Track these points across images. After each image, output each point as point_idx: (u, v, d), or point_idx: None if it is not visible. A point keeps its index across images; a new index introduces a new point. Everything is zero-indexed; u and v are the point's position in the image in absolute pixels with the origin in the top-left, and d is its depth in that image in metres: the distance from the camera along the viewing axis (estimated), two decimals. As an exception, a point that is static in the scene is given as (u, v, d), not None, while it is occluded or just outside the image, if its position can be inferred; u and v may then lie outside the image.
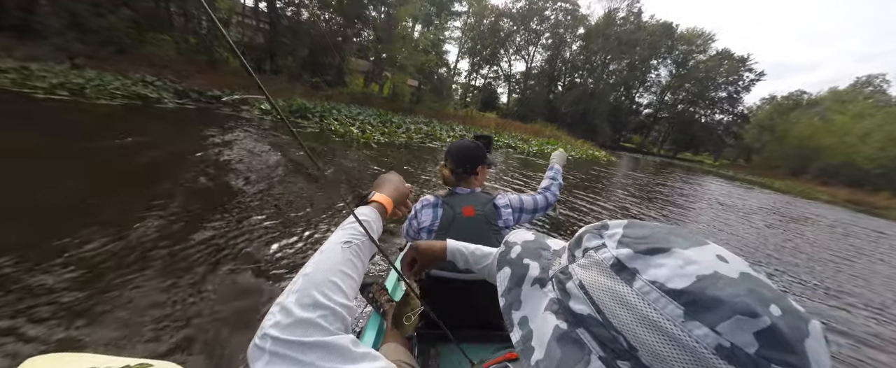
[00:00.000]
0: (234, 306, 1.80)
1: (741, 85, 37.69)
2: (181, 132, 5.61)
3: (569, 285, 0.28)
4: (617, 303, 0.24)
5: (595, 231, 0.30)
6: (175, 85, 8.91)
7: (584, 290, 0.27)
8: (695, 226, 6.01)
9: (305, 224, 2.89)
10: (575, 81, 39.31)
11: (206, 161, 4.12)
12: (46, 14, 10.41)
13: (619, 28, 36.16)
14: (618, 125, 40.63)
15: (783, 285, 3.77)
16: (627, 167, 17.01)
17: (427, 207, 1.18)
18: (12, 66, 6.66)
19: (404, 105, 17.14)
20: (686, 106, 40.53)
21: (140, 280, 1.84)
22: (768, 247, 5.27)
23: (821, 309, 3.22)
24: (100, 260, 1.93)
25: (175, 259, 2.08)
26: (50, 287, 1.68)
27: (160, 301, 1.72)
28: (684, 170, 22.64)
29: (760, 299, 0.21)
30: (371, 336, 1.20)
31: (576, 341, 0.26)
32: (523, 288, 0.32)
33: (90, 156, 3.59)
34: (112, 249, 2.05)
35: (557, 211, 4.45)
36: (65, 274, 1.77)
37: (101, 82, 7.21)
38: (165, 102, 7.53)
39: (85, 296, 1.65)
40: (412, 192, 0.72)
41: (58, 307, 1.57)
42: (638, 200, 7.51)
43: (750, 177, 27.00)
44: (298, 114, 9.49)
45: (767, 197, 14.42)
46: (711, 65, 37.34)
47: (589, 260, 0.28)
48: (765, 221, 7.80)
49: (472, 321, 1.06)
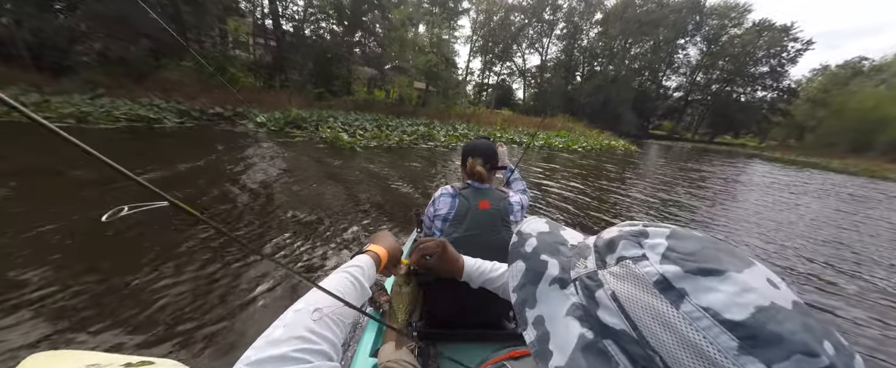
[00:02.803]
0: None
1: (786, 57, 34.04)
2: (155, 148, 5.89)
3: (599, 293, 0.26)
4: (658, 324, 0.22)
5: (632, 238, 0.27)
6: (179, 105, 9.48)
7: (617, 303, 0.25)
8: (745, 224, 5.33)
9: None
10: (594, 70, 37.55)
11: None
12: (78, 53, 11.57)
13: (638, 9, 34.07)
14: (645, 112, 38.19)
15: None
16: (652, 156, 15.83)
17: (445, 196, 1.24)
18: (35, 100, 7.38)
19: (408, 108, 17.18)
20: (721, 85, 37.27)
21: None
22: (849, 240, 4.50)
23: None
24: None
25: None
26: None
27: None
28: (723, 155, 20.62)
29: (816, 336, 0.20)
30: (371, 336, 1.19)
31: (602, 353, 0.24)
32: (540, 286, 0.30)
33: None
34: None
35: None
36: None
37: (109, 108, 7.81)
38: (165, 122, 8.01)
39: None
40: (402, 253, 0.74)
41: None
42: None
43: (801, 159, 24.17)
44: (293, 124, 9.74)
45: (822, 178, 12.67)
46: (748, 38, 34.04)
47: (625, 270, 0.26)
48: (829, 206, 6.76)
49: (473, 320, 1.07)
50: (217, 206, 3.40)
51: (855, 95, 32.19)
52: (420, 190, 4.81)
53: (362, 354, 1.12)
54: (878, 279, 3.33)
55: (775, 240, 4.28)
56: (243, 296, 2.03)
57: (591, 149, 14.52)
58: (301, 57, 16.36)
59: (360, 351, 1.14)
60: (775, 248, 4.01)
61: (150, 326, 1.72)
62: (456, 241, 1.17)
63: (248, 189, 4.00)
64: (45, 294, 1.87)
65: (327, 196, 4.08)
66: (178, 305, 1.88)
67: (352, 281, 0.52)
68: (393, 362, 0.79)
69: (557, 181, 6.74)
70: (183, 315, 1.82)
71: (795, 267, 3.51)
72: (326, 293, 0.45)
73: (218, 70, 14.03)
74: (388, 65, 18.65)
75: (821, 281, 3.19)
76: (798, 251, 3.98)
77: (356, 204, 3.87)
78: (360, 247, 0.64)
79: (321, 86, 16.39)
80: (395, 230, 3.28)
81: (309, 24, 16.64)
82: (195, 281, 2.11)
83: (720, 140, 40.65)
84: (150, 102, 9.26)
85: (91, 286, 1.97)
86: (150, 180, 3.90)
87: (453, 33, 26.91)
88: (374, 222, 3.44)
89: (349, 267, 0.56)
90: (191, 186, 3.91)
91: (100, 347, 1.58)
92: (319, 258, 2.61)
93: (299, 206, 3.60)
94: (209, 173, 4.51)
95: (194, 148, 6.28)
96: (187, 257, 2.35)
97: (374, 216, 3.60)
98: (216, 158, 5.51)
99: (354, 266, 0.57)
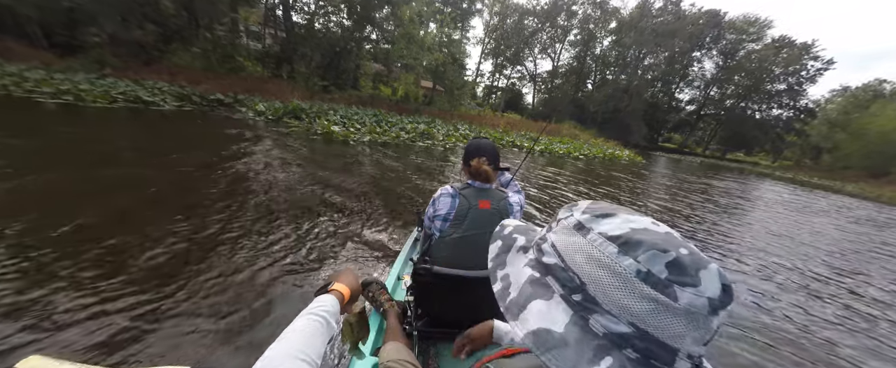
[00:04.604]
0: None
1: (804, 75, 33.15)
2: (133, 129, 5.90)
3: (544, 246, 0.36)
4: (574, 250, 0.32)
5: (567, 208, 0.37)
6: (181, 89, 9.56)
7: (554, 248, 0.34)
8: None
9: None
10: (606, 78, 37.05)
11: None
12: (90, 34, 11.82)
13: (655, 19, 33.54)
14: (655, 124, 37.59)
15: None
16: (657, 169, 15.50)
17: (445, 196, 1.23)
18: (38, 77, 7.48)
19: (412, 106, 17.13)
20: (736, 100, 36.46)
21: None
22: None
23: None
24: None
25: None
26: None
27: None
28: (733, 173, 20.07)
29: (672, 244, 0.29)
30: (371, 336, 1.16)
31: (544, 285, 0.33)
32: (509, 254, 0.40)
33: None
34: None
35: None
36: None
37: (108, 88, 7.89)
38: (162, 105, 8.07)
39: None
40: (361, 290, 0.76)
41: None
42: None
43: (813, 180, 23.45)
44: (292, 114, 9.76)
45: (838, 202, 12.23)
46: (766, 54, 33.22)
47: (559, 226, 0.36)
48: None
49: (472, 320, 1.09)
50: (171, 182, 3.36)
51: (876, 119, 31.17)
52: (383, 185, 4.72)
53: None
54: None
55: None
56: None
57: (593, 157, 14.27)
58: (310, 49, 16.46)
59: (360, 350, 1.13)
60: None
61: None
62: (456, 241, 1.19)
63: (213, 169, 3.96)
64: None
65: (296, 182, 4.01)
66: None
67: (321, 323, 0.57)
68: (393, 361, 0.81)
69: (539, 183, 6.58)
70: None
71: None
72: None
73: (225, 58, 14.20)
74: (398, 64, 18.67)
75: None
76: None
77: (322, 192, 3.80)
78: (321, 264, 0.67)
79: (327, 79, 16.47)
80: (344, 223, 3.19)
81: (319, 16, 16.73)
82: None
83: (732, 156, 39.73)
84: (154, 85, 9.36)
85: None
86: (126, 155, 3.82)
87: (465, 34, 26.86)
88: (329, 210, 3.36)
89: (317, 309, 0.59)
90: (161, 162, 3.89)
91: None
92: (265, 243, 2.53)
93: (259, 192, 3.54)
94: (183, 153, 4.48)
95: (184, 129, 6.31)
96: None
97: (333, 202, 3.52)
98: (199, 140, 5.50)
99: (322, 308, 0.60)
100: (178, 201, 3.04)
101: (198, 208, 2.94)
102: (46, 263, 1.92)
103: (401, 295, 1.54)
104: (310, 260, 2.42)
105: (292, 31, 16.28)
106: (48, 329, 1.50)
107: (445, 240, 1.20)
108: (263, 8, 17.29)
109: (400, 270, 1.73)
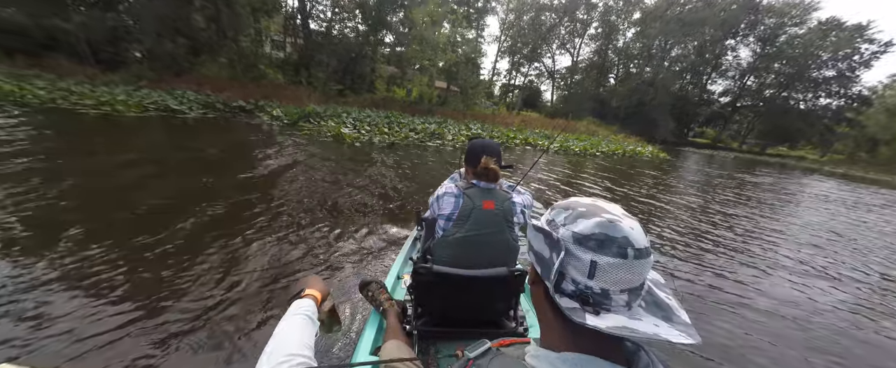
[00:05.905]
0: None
1: (857, 60, 30.15)
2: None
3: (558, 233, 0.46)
4: (533, 231, 0.45)
5: (555, 208, 0.48)
6: (207, 98, 10.26)
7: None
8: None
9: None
10: (630, 72, 35.55)
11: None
12: (130, 50, 12.94)
13: (682, 7, 31.76)
14: (685, 117, 35.55)
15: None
16: (686, 166, 14.73)
17: (449, 196, 1.22)
18: (82, 91, 8.32)
19: (426, 106, 17.29)
20: (777, 90, 33.74)
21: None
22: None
23: None
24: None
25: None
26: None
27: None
28: (776, 168, 18.54)
29: (581, 205, 0.42)
30: (371, 335, 1.21)
31: (549, 233, 0.43)
32: (534, 237, 0.48)
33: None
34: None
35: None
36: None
37: (141, 99, 8.63)
38: (187, 113, 8.71)
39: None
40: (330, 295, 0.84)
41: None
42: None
43: (869, 176, 21.29)
44: (306, 118, 10.19)
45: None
46: (811, 38, 30.48)
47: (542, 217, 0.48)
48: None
49: (472, 319, 1.08)
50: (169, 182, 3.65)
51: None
52: (387, 185, 4.83)
53: (363, 352, 1.13)
54: None
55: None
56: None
57: (612, 154, 13.78)
58: (326, 55, 17.08)
59: (360, 349, 1.15)
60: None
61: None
62: (459, 241, 1.18)
63: (223, 167, 4.25)
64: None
65: (297, 183, 4.23)
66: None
67: (306, 321, 0.65)
68: (393, 360, 0.83)
69: (537, 183, 6.47)
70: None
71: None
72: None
73: (249, 67, 15.05)
74: (416, 66, 18.91)
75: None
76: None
77: (323, 192, 3.98)
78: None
79: (343, 83, 17.00)
80: (319, 217, 3.32)
81: (335, 22, 17.32)
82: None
83: (773, 151, 36.81)
84: (182, 94, 10.11)
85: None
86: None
87: (480, 32, 26.74)
88: (329, 210, 3.51)
89: (300, 311, 0.66)
90: (178, 164, 4.24)
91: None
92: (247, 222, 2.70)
93: (252, 190, 3.76)
94: (198, 153, 4.85)
95: (204, 134, 6.78)
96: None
97: (333, 202, 3.67)
98: (215, 141, 5.91)
99: (303, 310, 0.67)
100: (176, 201, 3.32)
101: (198, 210, 3.19)
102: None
103: (401, 294, 1.55)
104: (309, 261, 2.49)
105: (310, 38, 16.95)
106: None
107: (447, 240, 1.20)
108: (283, 17, 18.12)
109: (400, 269, 1.74)
